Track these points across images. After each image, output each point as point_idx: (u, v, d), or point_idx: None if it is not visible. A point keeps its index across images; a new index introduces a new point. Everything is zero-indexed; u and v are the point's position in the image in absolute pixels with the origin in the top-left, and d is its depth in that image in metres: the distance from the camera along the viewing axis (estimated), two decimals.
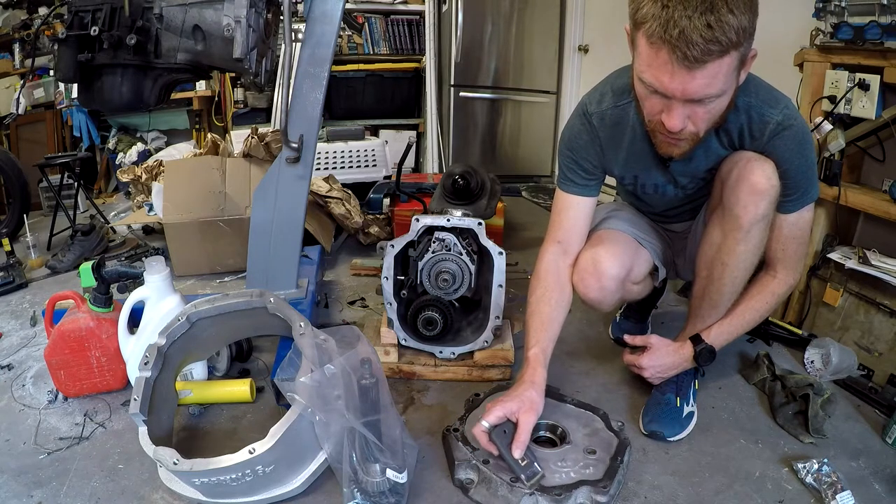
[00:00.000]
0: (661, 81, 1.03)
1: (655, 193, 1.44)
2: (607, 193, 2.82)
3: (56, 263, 2.46)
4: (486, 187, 1.89)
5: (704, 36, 0.94)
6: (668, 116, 1.09)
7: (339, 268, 2.47)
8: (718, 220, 1.32)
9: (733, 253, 1.31)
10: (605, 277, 1.40)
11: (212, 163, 2.39)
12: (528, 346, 1.32)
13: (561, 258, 1.43)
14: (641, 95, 1.13)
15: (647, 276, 1.55)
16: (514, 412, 1.18)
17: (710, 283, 1.38)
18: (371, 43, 4.02)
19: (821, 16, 1.67)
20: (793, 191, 1.26)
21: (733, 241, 1.30)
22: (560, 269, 1.42)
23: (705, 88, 1.02)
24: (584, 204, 1.42)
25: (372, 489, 1.10)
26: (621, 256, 1.43)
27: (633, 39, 1.08)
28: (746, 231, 1.27)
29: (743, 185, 1.24)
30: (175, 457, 1.07)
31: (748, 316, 1.39)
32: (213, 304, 1.29)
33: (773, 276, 1.37)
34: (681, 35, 0.95)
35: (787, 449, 1.35)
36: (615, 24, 3.40)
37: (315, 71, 1.63)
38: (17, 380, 1.64)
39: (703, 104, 1.06)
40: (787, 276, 1.36)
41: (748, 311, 1.38)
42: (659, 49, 0.99)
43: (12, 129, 4.12)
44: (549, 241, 1.44)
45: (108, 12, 1.49)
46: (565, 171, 1.42)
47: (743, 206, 1.25)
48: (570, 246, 1.43)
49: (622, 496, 1.19)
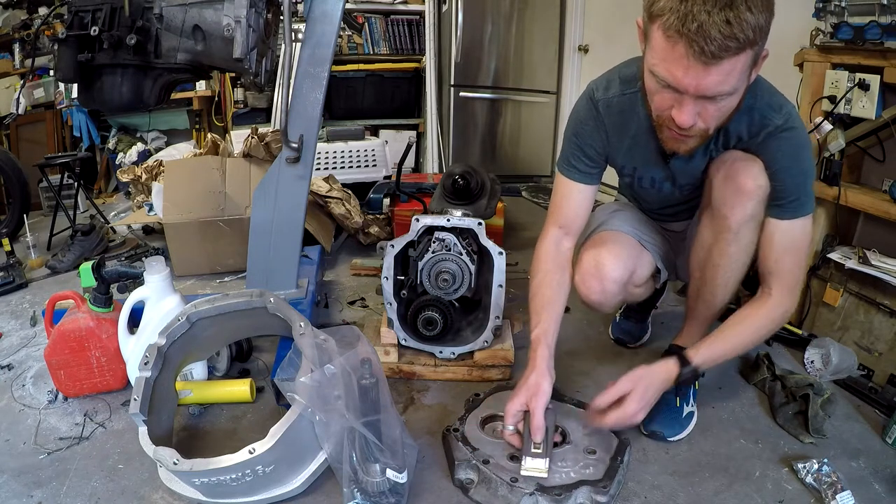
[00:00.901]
0: (674, 76, 1.02)
1: (652, 188, 1.43)
2: (608, 194, 2.83)
3: (56, 263, 2.46)
4: (486, 187, 1.89)
5: (723, 32, 0.94)
6: (678, 112, 1.07)
7: (339, 268, 2.47)
8: (708, 221, 1.32)
9: (724, 254, 1.31)
10: (607, 280, 1.40)
11: (212, 163, 2.39)
12: (531, 329, 1.33)
13: (562, 241, 1.42)
14: (652, 90, 1.11)
15: (649, 279, 1.55)
16: (524, 403, 1.21)
17: (703, 285, 1.38)
18: (371, 43, 4.02)
19: (821, 16, 1.67)
20: (784, 196, 1.23)
21: (724, 242, 1.29)
22: (560, 251, 1.41)
23: (719, 85, 1.01)
24: (586, 191, 1.41)
25: (372, 489, 1.10)
26: (625, 259, 1.43)
27: (646, 32, 1.06)
28: (735, 232, 1.26)
29: (729, 185, 1.23)
30: (175, 457, 1.07)
31: (739, 340, 1.30)
32: (213, 304, 1.29)
33: (769, 296, 1.28)
34: (699, 29, 0.94)
35: (787, 449, 1.35)
36: (615, 24, 3.40)
37: (315, 71, 1.63)
38: (17, 380, 1.64)
39: (715, 101, 1.05)
40: (783, 297, 1.28)
41: (740, 335, 1.30)
42: (675, 43, 0.98)
43: (12, 129, 4.12)
44: (549, 225, 1.43)
45: (108, 12, 1.49)
46: (569, 157, 1.40)
47: (730, 207, 1.24)
48: (570, 230, 1.42)
49: (622, 496, 1.19)
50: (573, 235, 1.43)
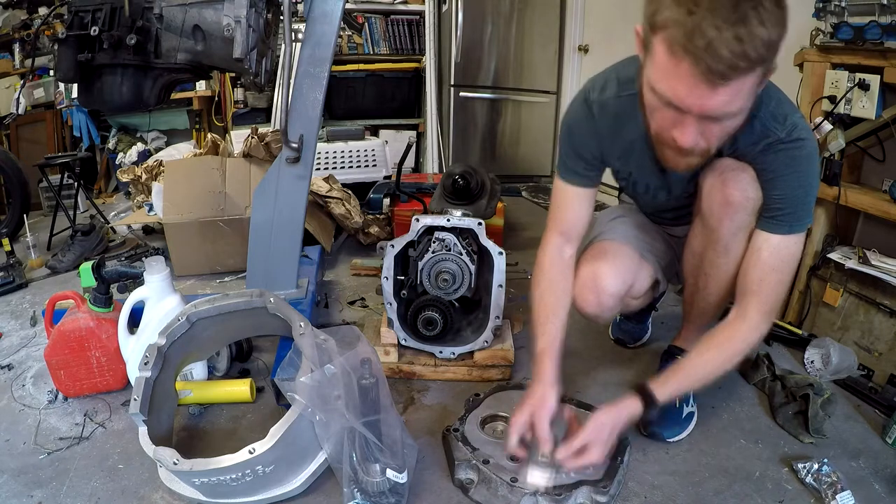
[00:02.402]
0: (677, 95, 0.94)
1: (646, 194, 1.40)
2: (610, 195, 2.82)
3: (56, 263, 2.46)
4: (486, 187, 1.89)
5: (733, 50, 0.86)
6: (680, 133, 1.00)
7: (339, 268, 2.47)
8: (700, 230, 1.30)
9: (715, 265, 1.29)
10: (604, 294, 1.38)
11: (212, 163, 2.39)
12: (536, 339, 1.30)
13: (564, 247, 1.39)
14: (652, 106, 1.03)
15: (647, 290, 1.52)
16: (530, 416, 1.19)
17: (696, 292, 1.38)
18: (371, 43, 4.02)
19: (821, 16, 1.67)
20: (779, 208, 1.16)
21: (714, 253, 1.28)
22: (563, 259, 1.38)
23: (725, 106, 0.94)
24: (585, 195, 1.37)
25: (372, 489, 1.10)
26: (623, 273, 1.40)
27: (646, 43, 0.97)
28: (725, 245, 1.24)
29: (717, 195, 1.20)
30: (175, 457, 1.07)
31: (709, 369, 1.22)
32: (213, 304, 1.29)
33: (744, 319, 1.20)
34: (708, 47, 0.86)
35: (787, 449, 1.35)
36: (615, 24, 3.40)
37: (315, 71, 1.63)
38: (17, 380, 1.64)
39: (720, 121, 0.98)
40: (761, 321, 1.20)
41: (710, 363, 1.22)
42: (680, 60, 0.89)
43: (12, 129, 4.12)
44: (551, 232, 1.39)
45: (108, 12, 1.49)
46: (566, 161, 1.35)
47: (718, 219, 1.22)
48: (572, 237, 1.39)
49: (622, 496, 1.19)
50: (575, 241, 1.40)
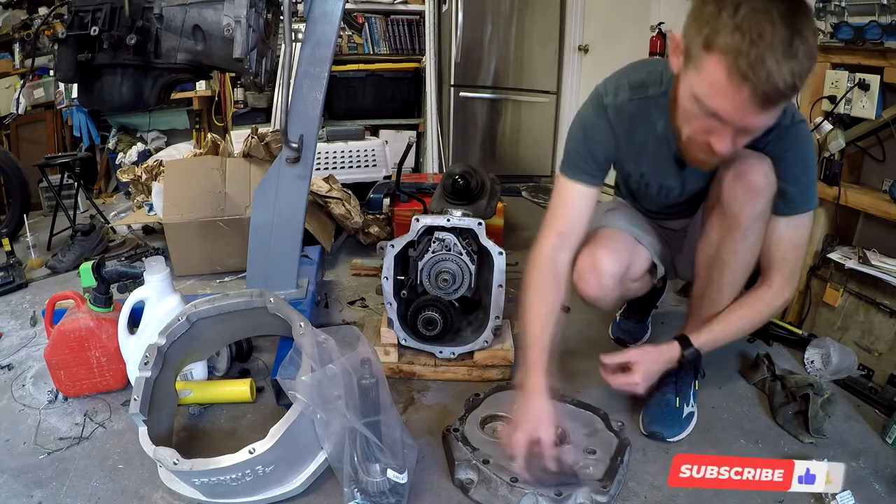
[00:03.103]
0: (726, 111, 1.02)
1: (656, 192, 1.43)
2: (606, 193, 2.83)
3: (56, 263, 2.46)
4: (486, 187, 1.89)
5: (787, 82, 0.96)
6: (718, 140, 1.08)
7: (339, 268, 2.47)
8: (717, 220, 1.32)
9: (732, 251, 1.31)
10: (603, 275, 1.40)
11: (212, 163, 2.39)
12: (527, 346, 1.28)
13: (560, 252, 1.36)
14: (690, 113, 1.10)
15: (645, 273, 1.54)
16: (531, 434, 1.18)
17: (709, 283, 1.38)
18: (371, 43, 4.02)
19: (821, 16, 1.67)
20: (793, 192, 1.25)
21: (731, 240, 1.30)
22: (558, 263, 1.36)
23: (765, 122, 1.05)
24: (588, 194, 1.37)
25: (372, 489, 1.10)
26: (619, 253, 1.43)
27: (690, 54, 1.04)
28: (745, 229, 1.27)
29: (740, 183, 1.24)
30: (175, 457, 1.07)
31: (739, 324, 1.36)
32: (213, 304, 1.29)
33: (770, 286, 1.33)
34: (768, 78, 0.95)
35: (787, 449, 1.35)
36: (615, 24, 3.40)
37: (315, 71, 1.63)
38: (17, 380, 1.64)
39: (753, 132, 1.08)
40: (784, 287, 1.32)
41: (740, 319, 1.35)
42: (740, 85, 0.97)
43: (12, 129, 4.12)
44: (548, 230, 1.37)
45: (108, 12, 1.49)
46: (576, 160, 1.35)
47: (740, 205, 1.25)
48: (570, 239, 1.37)
49: (622, 496, 1.19)
50: (572, 246, 1.38)
